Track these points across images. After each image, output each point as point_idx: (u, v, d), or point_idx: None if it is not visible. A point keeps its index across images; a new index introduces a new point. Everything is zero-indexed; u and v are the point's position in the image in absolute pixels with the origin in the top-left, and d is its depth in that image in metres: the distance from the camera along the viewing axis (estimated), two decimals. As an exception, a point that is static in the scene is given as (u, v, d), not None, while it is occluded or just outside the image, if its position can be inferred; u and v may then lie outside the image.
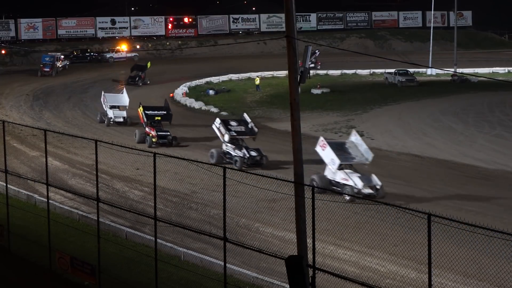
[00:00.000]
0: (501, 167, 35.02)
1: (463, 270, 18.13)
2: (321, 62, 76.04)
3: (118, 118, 46.31)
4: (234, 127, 35.68)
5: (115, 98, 48.45)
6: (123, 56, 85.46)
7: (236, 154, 34.53)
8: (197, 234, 19.00)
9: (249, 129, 35.74)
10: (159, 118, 40.80)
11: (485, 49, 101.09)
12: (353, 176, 29.28)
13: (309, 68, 57.69)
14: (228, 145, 35.09)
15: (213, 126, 36.10)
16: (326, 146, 30.11)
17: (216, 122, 36.08)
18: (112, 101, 47.56)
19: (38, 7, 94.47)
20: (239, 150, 34.76)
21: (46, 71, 70.65)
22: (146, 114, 40.54)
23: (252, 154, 34.38)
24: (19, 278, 20.11)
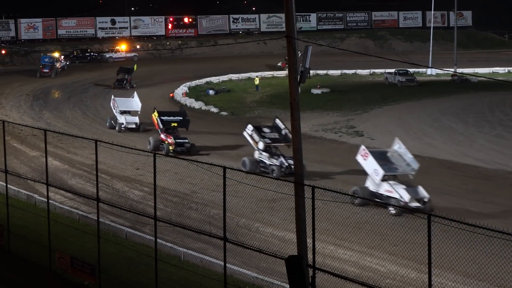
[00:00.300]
0: (501, 167, 35.02)
1: (463, 270, 18.14)
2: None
3: (130, 124, 43.87)
4: (267, 134, 33.64)
5: (126, 102, 45.59)
6: (123, 56, 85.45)
7: (272, 163, 32.60)
8: (197, 234, 19.00)
9: (283, 135, 33.46)
10: (175, 124, 38.45)
11: (485, 49, 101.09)
12: (398, 188, 27.22)
13: (309, 69, 57.67)
14: (262, 153, 33.12)
15: (245, 133, 34.10)
16: (368, 156, 28.18)
17: (248, 129, 34.00)
18: (123, 106, 44.90)
19: (38, 7, 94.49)
20: (275, 158, 32.81)
21: (45, 72, 69.94)
22: (161, 120, 38.20)
23: (290, 163, 31.88)
24: (19, 278, 20.11)
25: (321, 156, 36.71)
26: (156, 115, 38.64)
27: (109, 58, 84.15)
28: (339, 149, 39.98)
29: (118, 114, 44.43)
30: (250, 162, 32.99)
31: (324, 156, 37.30)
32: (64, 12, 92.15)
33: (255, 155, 33.53)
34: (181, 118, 39.03)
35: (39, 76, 69.35)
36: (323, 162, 35.28)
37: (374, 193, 27.55)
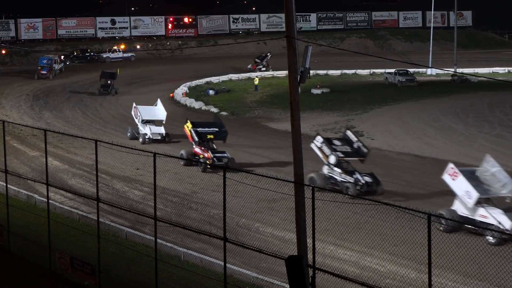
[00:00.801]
0: (501, 167, 34.98)
1: (463, 270, 18.15)
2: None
3: (155, 135, 40.09)
4: (338, 146, 30.44)
5: (149, 111, 41.68)
6: (120, 56, 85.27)
7: (345, 180, 29.45)
8: (197, 234, 19.00)
9: (355, 149, 30.48)
10: (211, 136, 34.90)
11: (485, 49, 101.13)
12: (495, 212, 23.97)
13: (309, 69, 57.59)
14: (334, 168, 29.93)
15: (313, 145, 30.68)
16: (458, 175, 25.13)
17: (317, 141, 30.72)
18: (147, 114, 41.03)
19: (38, 7, 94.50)
20: (349, 174, 29.61)
21: (43, 73, 69.03)
22: (197, 132, 34.66)
23: (367, 180, 29.22)
24: (19, 278, 20.11)
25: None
26: (190, 126, 35.17)
27: (106, 58, 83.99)
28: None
29: (141, 124, 40.81)
30: (319, 178, 29.68)
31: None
32: (64, 12, 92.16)
33: (323, 171, 30.31)
34: (217, 130, 35.40)
35: (37, 78, 68.44)
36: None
37: (465, 217, 24.42)
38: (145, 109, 41.79)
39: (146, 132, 40.27)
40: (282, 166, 32.82)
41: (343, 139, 31.23)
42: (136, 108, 41.42)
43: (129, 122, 48.90)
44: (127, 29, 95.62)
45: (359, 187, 28.89)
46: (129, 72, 73.93)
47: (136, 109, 41.37)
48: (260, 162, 35.21)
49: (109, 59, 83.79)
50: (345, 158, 30.15)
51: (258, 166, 33.94)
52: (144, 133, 40.34)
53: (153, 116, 41.18)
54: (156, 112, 41.48)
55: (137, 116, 41.03)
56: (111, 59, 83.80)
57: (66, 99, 57.92)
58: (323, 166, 30.29)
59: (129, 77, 70.72)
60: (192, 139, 34.91)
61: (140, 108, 41.43)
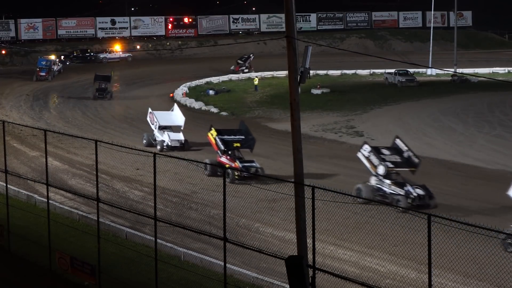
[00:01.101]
0: (501, 167, 35.00)
1: (463, 270, 18.14)
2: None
3: (174, 142, 37.76)
4: (387, 156, 28.76)
5: (167, 116, 39.39)
6: (117, 56, 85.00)
7: (395, 192, 27.58)
8: (197, 234, 19.00)
9: (406, 159, 28.78)
10: (238, 144, 32.78)
11: (485, 49, 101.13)
12: None
13: (309, 69, 57.56)
14: (383, 180, 28.15)
15: (359, 155, 29.32)
16: None
17: (364, 150, 29.13)
18: (164, 120, 38.71)
19: (38, 7, 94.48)
20: (400, 186, 27.71)
21: (42, 75, 67.69)
22: (222, 141, 32.51)
23: (419, 193, 27.31)
24: (19, 278, 20.11)
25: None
26: (214, 134, 33.00)
27: (103, 59, 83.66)
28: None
29: (157, 131, 38.53)
30: (366, 190, 28.09)
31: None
32: (64, 12, 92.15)
33: (371, 182, 28.62)
34: (243, 137, 33.20)
35: (36, 79, 67.27)
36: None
37: None
38: (162, 114, 39.52)
39: (164, 139, 37.94)
40: (282, 166, 32.83)
41: (392, 148, 29.53)
42: (152, 114, 39.06)
43: (129, 122, 48.85)
44: (127, 29, 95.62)
45: (411, 200, 26.98)
46: (129, 72, 74.03)
47: (152, 114, 38.99)
48: (260, 162, 35.16)
49: (106, 59, 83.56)
50: (395, 168, 28.36)
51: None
52: (162, 140, 38.01)
53: (170, 122, 38.88)
54: (174, 117, 39.24)
55: (154, 122, 38.63)
56: (108, 59, 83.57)
57: (66, 99, 57.91)
58: (371, 177, 28.65)
59: (129, 77, 70.80)
60: (217, 148, 32.86)
61: (156, 113, 39.16)
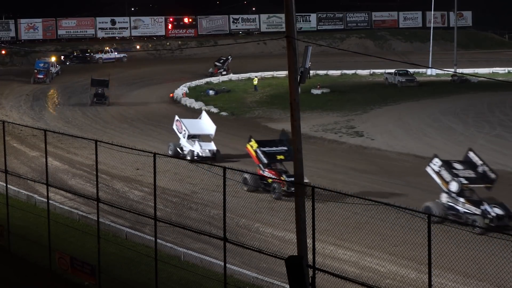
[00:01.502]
0: (501, 167, 34.96)
1: (463, 270, 18.15)
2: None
3: (204, 152, 35.44)
4: (460, 171, 26.28)
5: (196, 125, 36.92)
6: (112, 57, 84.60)
7: (470, 211, 25.12)
8: (197, 234, 19.01)
9: (481, 174, 26.30)
10: (282, 157, 30.07)
11: (485, 49, 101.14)
12: None
13: (309, 69, 57.49)
14: (456, 197, 25.73)
15: (429, 169, 26.91)
16: None
17: (434, 164, 26.67)
18: (194, 129, 36.29)
19: (38, 7, 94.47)
20: (475, 205, 25.20)
21: (40, 78, 66.04)
22: (264, 153, 29.97)
23: (498, 213, 24.73)
24: (19, 278, 20.11)
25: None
26: (255, 146, 30.60)
27: (99, 59, 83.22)
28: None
29: (186, 140, 36.14)
30: (437, 208, 25.55)
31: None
32: (64, 12, 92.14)
33: (442, 199, 26.25)
34: (286, 148, 30.38)
35: (33, 82, 65.49)
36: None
37: None
38: (191, 122, 37.15)
39: (194, 149, 35.59)
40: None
41: (465, 162, 26.90)
42: (180, 122, 36.55)
43: (129, 123, 48.69)
44: (127, 29, 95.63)
45: (488, 220, 24.39)
46: (129, 72, 74.03)
47: (180, 122, 36.52)
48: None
49: (102, 60, 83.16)
50: (469, 185, 25.86)
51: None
52: (191, 150, 35.64)
53: (200, 131, 36.46)
54: (203, 125, 36.79)
55: (182, 130, 36.23)
56: (104, 60, 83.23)
57: (66, 99, 57.91)
58: (442, 194, 26.30)
59: (129, 77, 70.82)
60: (259, 161, 30.34)
61: (185, 121, 36.71)
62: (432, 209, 25.17)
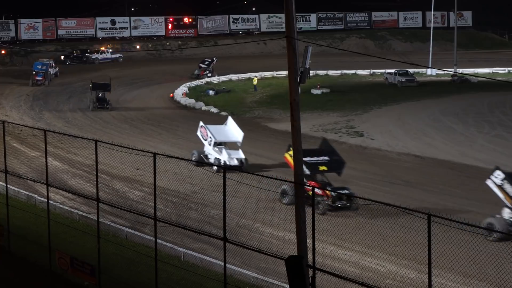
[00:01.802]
0: (501, 167, 34.98)
1: (463, 270, 18.14)
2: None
3: (232, 161, 33.01)
4: None
5: (223, 131, 34.67)
6: (108, 57, 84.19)
7: None
8: (197, 234, 19.00)
9: None
10: (325, 168, 27.75)
11: (485, 49, 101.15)
12: None
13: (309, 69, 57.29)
14: None
15: (490, 183, 24.96)
16: None
17: (495, 177, 24.62)
18: (221, 136, 34.12)
19: (38, 7, 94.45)
20: None
21: (38, 80, 64.14)
22: (306, 163, 25.87)
23: None
24: (19, 278, 20.11)
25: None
26: None
27: (94, 59, 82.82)
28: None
29: (212, 148, 33.81)
30: (500, 224, 23.87)
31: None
32: (64, 12, 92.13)
33: (504, 215, 24.42)
34: (327, 158, 28.14)
35: (32, 84, 63.44)
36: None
37: None
38: (217, 129, 34.77)
39: (221, 158, 33.22)
40: (282, 166, 32.83)
41: None
42: (205, 128, 34.41)
43: (129, 123, 48.65)
44: (127, 29, 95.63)
45: None
46: (128, 72, 74.01)
47: (205, 129, 34.38)
48: (260, 163, 35.19)
49: (98, 60, 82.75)
50: None
51: (258, 166, 33.91)
52: (218, 159, 33.26)
53: (227, 138, 34.36)
54: (229, 132, 34.54)
55: (207, 137, 34.04)
56: (100, 60, 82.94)
57: (66, 99, 57.88)
58: (503, 209, 24.52)
59: (129, 77, 70.79)
60: None
61: (210, 128, 34.59)
62: (495, 225, 23.74)
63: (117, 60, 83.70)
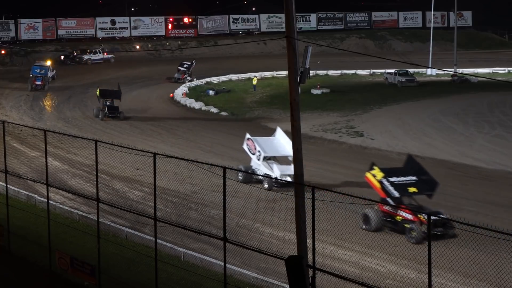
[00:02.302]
0: (501, 167, 35.02)
1: (463, 270, 18.15)
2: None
3: (284, 176, 29.28)
4: None
5: (272, 145, 31.15)
6: (100, 57, 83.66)
7: None
8: (197, 235, 19.00)
9: None
10: (414, 189, 24.41)
11: (485, 49, 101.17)
12: None
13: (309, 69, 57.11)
14: None
15: None
16: None
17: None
18: (272, 149, 30.76)
19: (38, 7, 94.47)
20: None
21: (38, 84, 61.43)
22: (394, 184, 24.19)
23: None
24: (19, 278, 20.11)
25: None
26: (379, 175, 24.72)
27: (87, 60, 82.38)
28: None
29: (261, 163, 30.59)
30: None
31: None
32: (64, 12, 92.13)
33: None
34: (415, 178, 24.93)
35: (31, 89, 60.74)
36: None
37: None
38: (266, 142, 31.48)
39: (272, 174, 30.02)
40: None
41: None
42: (253, 141, 31.30)
43: (129, 123, 48.42)
44: (127, 29, 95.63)
45: None
46: (128, 72, 74.01)
47: (253, 142, 31.26)
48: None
49: (91, 60, 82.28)
50: None
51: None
52: (267, 174, 30.05)
53: (277, 152, 30.79)
54: (279, 145, 30.94)
55: (255, 151, 30.85)
56: (92, 61, 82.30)
57: (66, 99, 57.88)
58: None
59: (129, 77, 70.76)
60: (386, 194, 24.31)
61: (259, 140, 31.38)
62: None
63: (109, 61, 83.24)
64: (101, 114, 48.80)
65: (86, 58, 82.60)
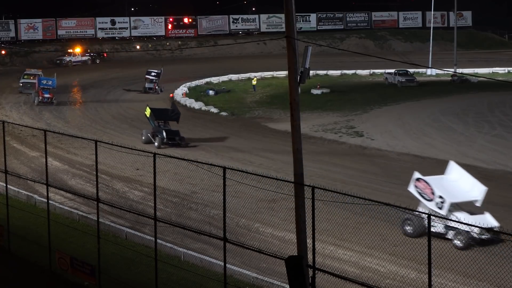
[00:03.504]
0: (501, 167, 35.02)
1: (463, 270, 18.14)
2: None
3: None
4: None
5: (448, 186, 24.59)
6: (79, 59, 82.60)
7: None
8: (197, 235, 19.01)
9: None
10: None
11: (485, 49, 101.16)
12: None
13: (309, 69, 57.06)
14: None
15: None
16: None
17: None
18: (451, 193, 23.97)
19: (38, 7, 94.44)
20: None
21: (46, 97, 54.58)
22: None
23: None
24: (19, 278, 20.11)
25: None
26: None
27: (68, 62, 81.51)
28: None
29: (445, 212, 23.29)
30: None
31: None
32: (64, 12, 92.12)
33: None
34: None
35: (38, 103, 54.19)
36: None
37: None
38: (440, 183, 24.64)
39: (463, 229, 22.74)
40: (282, 166, 32.82)
41: None
42: (427, 183, 24.33)
43: (129, 123, 48.57)
44: (127, 29, 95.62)
45: None
46: (129, 72, 74.02)
47: (427, 184, 24.31)
48: (260, 163, 35.21)
49: (71, 63, 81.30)
50: None
51: (257, 166, 33.92)
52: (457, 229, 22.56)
53: (461, 196, 24.20)
54: (458, 186, 24.65)
55: (433, 197, 23.93)
56: (73, 63, 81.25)
57: (66, 99, 57.86)
58: None
59: (129, 77, 70.79)
60: None
61: (432, 182, 24.40)
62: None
63: (86, 62, 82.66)
64: (157, 141, 38.29)
65: (67, 60, 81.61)
